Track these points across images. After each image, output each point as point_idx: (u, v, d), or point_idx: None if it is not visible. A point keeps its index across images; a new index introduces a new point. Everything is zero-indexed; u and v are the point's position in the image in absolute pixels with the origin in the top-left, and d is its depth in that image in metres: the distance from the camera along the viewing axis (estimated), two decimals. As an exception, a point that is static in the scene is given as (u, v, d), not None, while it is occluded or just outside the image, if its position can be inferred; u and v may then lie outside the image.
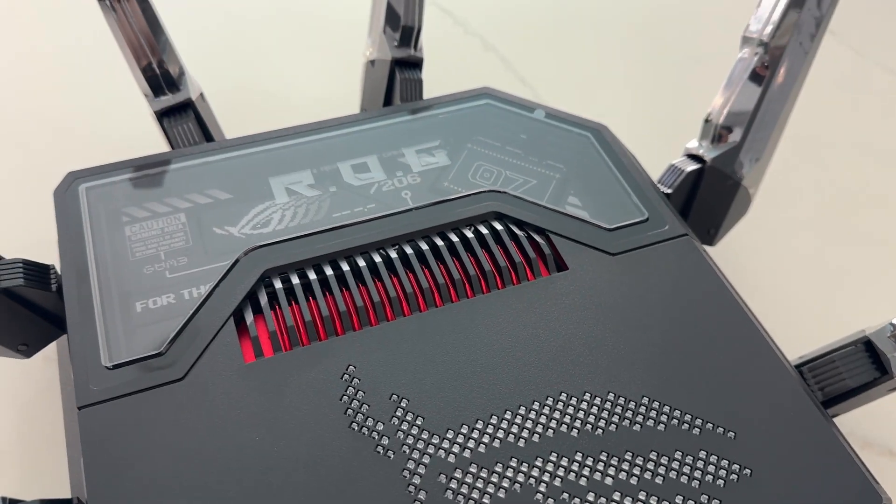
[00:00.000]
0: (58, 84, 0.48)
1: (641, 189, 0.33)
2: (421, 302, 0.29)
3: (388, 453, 0.24)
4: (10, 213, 0.41)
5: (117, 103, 0.47)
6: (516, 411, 0.26)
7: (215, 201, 0.32)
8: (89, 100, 0.47)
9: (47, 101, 0.47)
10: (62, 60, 0.49)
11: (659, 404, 0.26)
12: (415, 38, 0.38)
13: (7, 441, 0.33)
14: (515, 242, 0.30)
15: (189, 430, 0.25)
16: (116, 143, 0.44)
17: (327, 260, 0.30)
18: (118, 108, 0.46)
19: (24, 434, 0.33)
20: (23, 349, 0.31)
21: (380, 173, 0.33)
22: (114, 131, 0.45)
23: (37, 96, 0.47)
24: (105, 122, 0.46)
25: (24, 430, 0.34)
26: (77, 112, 0.46)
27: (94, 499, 0.23)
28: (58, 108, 0.47)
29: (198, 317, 0.27)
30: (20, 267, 0.29)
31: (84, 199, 0.31)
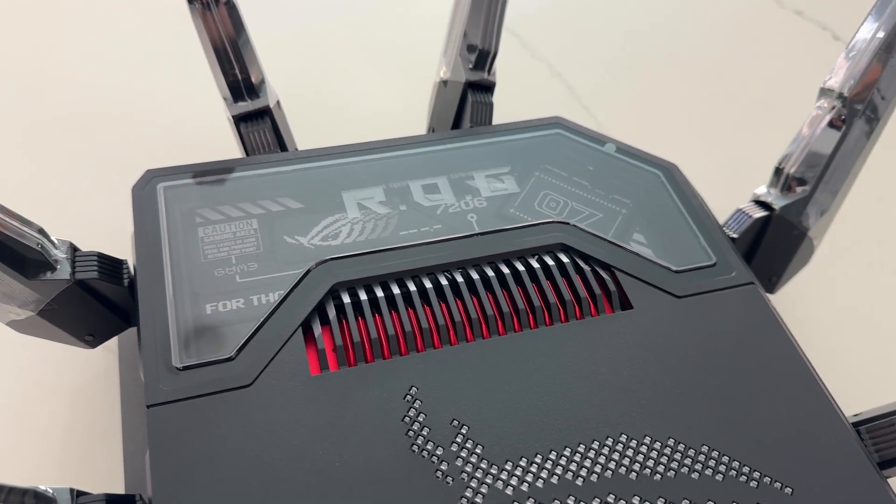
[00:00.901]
0: (133, 78, 0.49)
1: (710, 232, 0.33)
2: (484, 329, 0.29)
3: (447, 479, 0.25)
4: (81, 205, 0.42)
5: (190, 102, 0.48)
6: (576, 448, 0.26)
7: (287, 210, 0.32)
8: (163, 96, 0.48)
9: (122, 95, 0.48)
10: (141, 56, 0.50)
11: (718, 454, 0.26)
12: (490, 62, 0.38)
13: (57, 426, 0.34)
14: (581, 276, 0.30)
15: (254, 437, 0.25)
16: (187, 141, 0.45)
17: (394, 278, 0.30)
18: (190, 107, 0.47)
19: (74, 420, 0.34)
20: (89, 339, 0.31)
21: (449, 195, 0.33)
22: (186, 130, 0.46)
23: (112, 90, 0.48)
24: (177, 120, 0.47)
25: (76, 416, 0.34)
26: (150, 107, 0.47)
27: (159, 497, 0.24)
28: (131, 102, 0.48)
29: (267, 324, 0.28)
30: (95, 260, 0.30)
31: (161, 198, 0.32)
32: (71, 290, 0.29)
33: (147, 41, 0.51)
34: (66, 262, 0.29)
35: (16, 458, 0.33)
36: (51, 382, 0.35)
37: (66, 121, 0.46)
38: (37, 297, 0.29)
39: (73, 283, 0.29)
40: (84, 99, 0.48)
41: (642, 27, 0.56)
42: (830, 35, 0.57)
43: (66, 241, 0.30)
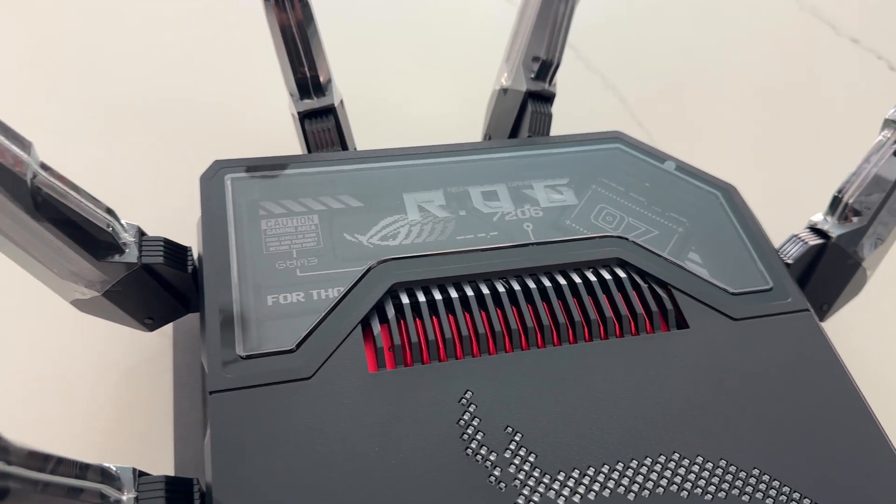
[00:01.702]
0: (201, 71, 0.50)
1: (767, 256, 0.33)
2: (539, 338, 0.29)
3: (500, 484, 0.25)
4: (145, 191, 0.43)
5: (253, 97, 0.48)
6: (628, 464, 0.26)
7: (347, 207, 0.33)
8: (229, 89, 0.49)
9: (189, 87, 0.49)
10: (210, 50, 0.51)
11: (769, 478, 0.26)
12: (552, 73, 0.38)
13: (108, 406, 0.35)
14: (637, 293, 0.31)
15: (312, 429, 0.26)
16: (248, 135, 0.46)
17: (452, 282, 0.30)
18: (252, 102, 0.48)
19: (125, 402, 0.35)
20: (148, 322, 0.32)
21: (508, 203, 0.33)
22: (248, 123, 0.47)
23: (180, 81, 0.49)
24: (240, 113, 0.48)
25: (126, 398, 0.35)
26: (216, 100, 0.48)
27: (219, 482, 0.24)
28: (198, 94, 0.49)
29: (328, 320, 0.28)
30: (162, 245, 0.31)
31: (229, 188, 0.32)
32: (137, 273, 0.30)
33: (216, 37, 0.52)
34: (134, 245, 0.30)
35: (68, 435, 0.33)
36: (104, 363, 0.36)
37: (136, 109, 0.47)
38: (103, 278, 0.29)
39: (140, 267, 0.30)
40: (154, 88, 0.49)
41: (697, 45, 0.56)
42: (886, 65, 0.57)
43: (135, 225, 0.30)
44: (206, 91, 0.49)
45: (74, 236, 0.27)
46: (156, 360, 0.36)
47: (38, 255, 0.28)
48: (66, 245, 0.27)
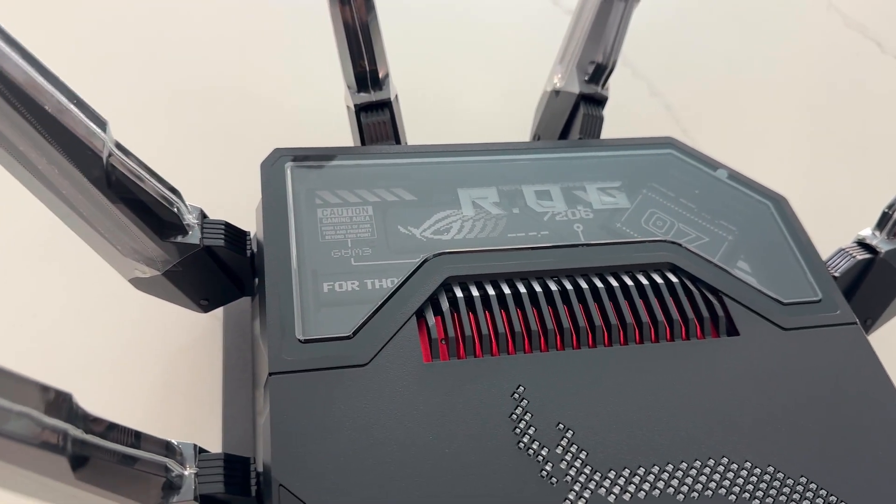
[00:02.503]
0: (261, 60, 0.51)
1: (816, 269, 0.33)
2: (591, 338, 0.30)
3: (551, 479, 0.25)
4: (200, 175, 0.44)
5: (307, 87, 0.49)
6: (677, 466, 0.26)
7: (401, 201, 0.33)
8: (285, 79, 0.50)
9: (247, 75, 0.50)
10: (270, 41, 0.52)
11: (816, 486, 0.26)
12: (606, 77, 0.39)
13: (158, 385, 0.35)
14: (689, 298, 0.31)
15: (368, 415, 0.26)
16: (301, 125, 0.46)
17: (505, 278, 0.31)
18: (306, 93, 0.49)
19: (174, 381, 0.35)
20: (203, 304, 0.33)
21: (561, 203, 0.34)
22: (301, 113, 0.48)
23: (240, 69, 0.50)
24: (294, 103, 0.48)
25: (176, 377, 0.36)
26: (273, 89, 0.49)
27: (278, 461, 0.25)
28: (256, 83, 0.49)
29: (383, 309, 0.29)
30: (223, 229, 0.31)
31: (288, 176, 0.33)
32: (198, 254, 0.30)
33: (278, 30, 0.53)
34: (196, 227, 0.30)
35: (119, 411, 0.34)
36: (155, 342, 0.36)
37: (194, 96, 0.48)
38: (165, 257, 0.30)
39: (201, 249, 0.30)
40: (215, 75, 0.49)
41: (745, 56, 0.56)
42: (933, 83, 0.56)
43: (197, 207, 0.31)
44: (261, 80, 0.50)
45: (142, 215, 0.28)
46: (208, 341, 0.36)
47: (104, 230, 0.28)
48: (132, 223, 0.28)
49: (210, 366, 0.36)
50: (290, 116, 0.47)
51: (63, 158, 0.25)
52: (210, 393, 0.35)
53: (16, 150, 0.25)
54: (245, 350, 0.35)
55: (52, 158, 0.25)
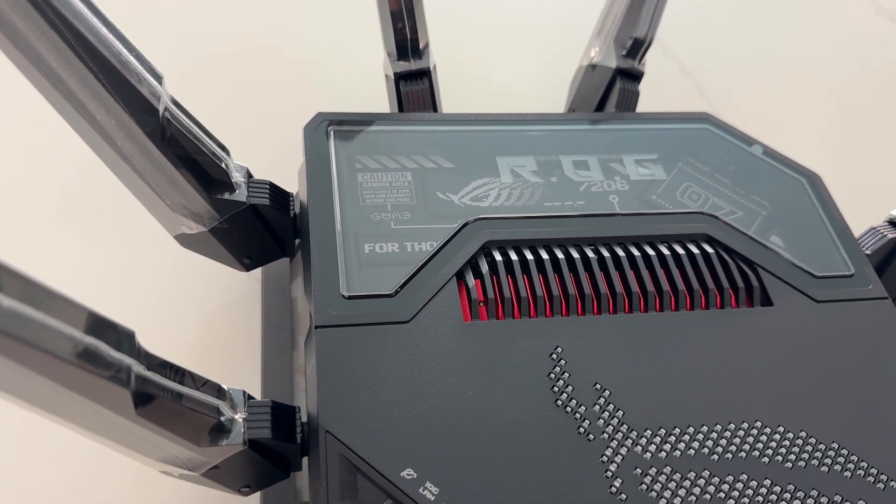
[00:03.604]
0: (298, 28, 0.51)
1: (849, 244, 0.33)
2: (627, 304, 0.30)
3: (588, 436, 0.26)
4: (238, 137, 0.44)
5: (346, 55, 0.49)
6: (712, 427, 0.27)
7: (439, 168, 0.34)
8: (322, 47, 0.50)
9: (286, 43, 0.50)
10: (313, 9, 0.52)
11: (847, 452, 0.27)
12: (643, 52, 0.39)
13: (197, 342, 0.36)
14: (724, 268, 0.31)
15: (410, 369, 0.27)
16: (337, 92, 0.47)
17: (544, 244, 0.31)
18: (345, 60, 0.49)
19: (214, 338, 0.36)
20: (246, 262, 0.33)
21: (598, 173, 0.34)
22: (335, 80, 0.48)
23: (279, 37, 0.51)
24: (329, 70, 0.49)
25: (215, 334, 0.36)
26: (310, 57, 0.49)
27: (324, 408, 0.25)
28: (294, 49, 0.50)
29: (424, 270, 0.30)
30: (268, 188, 0.32)
31: (332, 140, 0.33)
32: (244, 212, 0.31)
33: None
34: (243, 185, 0.31)
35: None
36: (193, 302, 0.37)
37: (230, 60, 0.48)
38: (213, 213, 0.31)
39: (247, 207, 0.31)
40: (253, 39, 0.50)
41: (777, 39, 0.56)
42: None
43: (244, 167, 0.32)
44: (297, 45, 0.50)
45: (193, 170, 0.29)
46: (246, 301, 0.37)
47: (155, 184, 0.29)
48: (183, 177, 0.29)
49: (247, 326, 0.36)
50: (325, 82, 0.48)
51: (121, 109, 0.26)
52: (248, 352, 0.35)
53: (76, 100, 0.25)
54: (284, 310, 0.35)
55: (110, 109, 0.26)
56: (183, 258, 0.38)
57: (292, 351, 0.34)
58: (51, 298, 0.18)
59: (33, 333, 0.17)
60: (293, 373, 0.34)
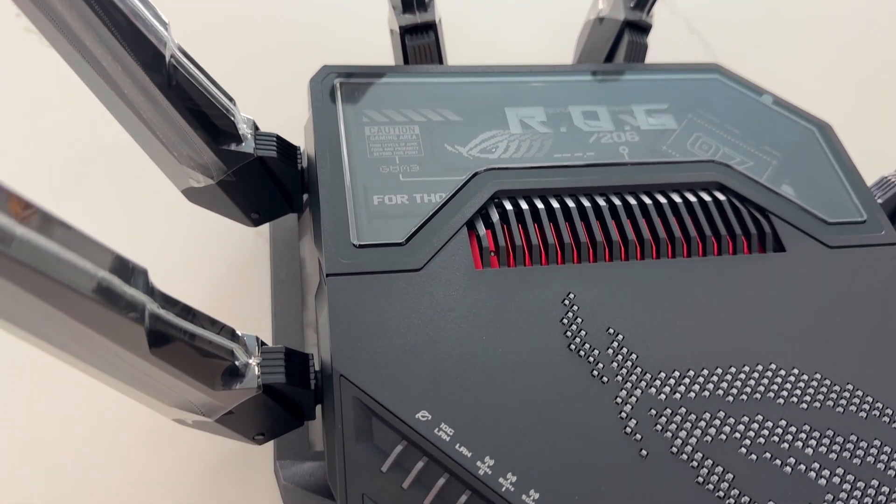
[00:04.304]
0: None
1: (861, 191, 0.33)
2: (639, 251, 0.30)
3: (602, 378, 0.26)
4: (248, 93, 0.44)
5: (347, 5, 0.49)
6: (726, 370, 0.27)
7: (447, 121, 0.34)
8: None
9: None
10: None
11: (862, 393, 0.27)
12: (651, 2, 0.38)
13: (207, 303, 0.36)
14: (736, 215, 0.31)
15: (422, 316, 0.27)
16: (338, 48, 0.46)
17: (554, 194, 0.31)
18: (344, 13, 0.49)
19: (223, 298, 0.36)
20: (254, 217, 0.33)
21: (608, 123, 0.34)
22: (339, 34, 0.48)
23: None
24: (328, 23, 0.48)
25: (225, 294, 0.36)
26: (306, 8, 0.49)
27: (338, 354, 0.25)
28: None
29: (434, 219, 0.29)
30: (275, 140, 0.32)
31: (338, 93, 0.33)
32: (252, 164, 0.31)
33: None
34: (250, 137, 0.31)
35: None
36: (202, 260, 0.37)
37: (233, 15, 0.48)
38: (220, 166, 0.30)
39: (255, 159, 0.31)
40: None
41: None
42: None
43: (251, 119, 0.31)
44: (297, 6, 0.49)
45: (200, 119, 0.28)
46: (252, 262, 0.37)
47: (162, 136, 0.29)
48: (190, 127, 0.28)
49: (256, 286, 0.36)
50: (327, 37, 0.47)
51: (127, 55, 0.25)
52: (257, 310, 0.35)
53: (82, 46, 0.25)
54: (293, 266, 0.35)
55: (116, 54, 0.25)
56: (189, 221, 0.38)
57: (303, 308, 0.34)
58: (64, 230, 0.18)
59: (47, 263, 0.17)
60: (304, 327, 0.34)
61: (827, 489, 0.25)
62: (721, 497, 0.24)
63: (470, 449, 0.24)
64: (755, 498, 0.24)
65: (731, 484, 0.24)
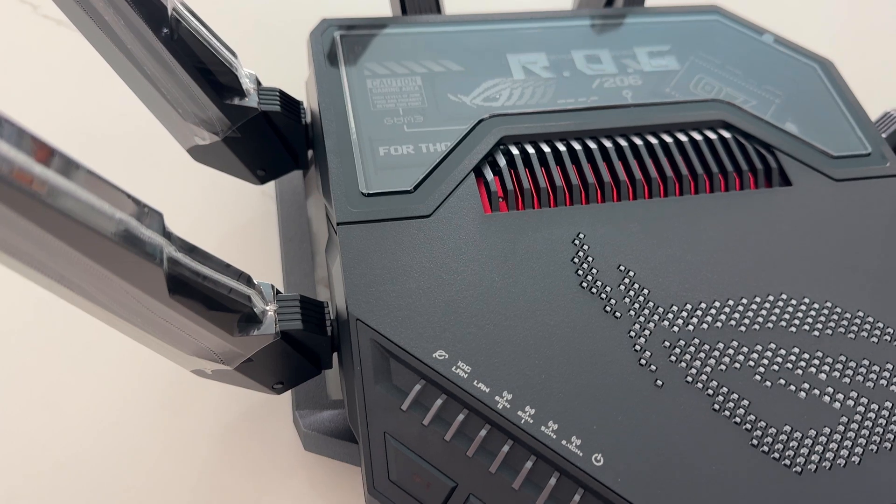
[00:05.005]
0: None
1: (864, 124, 0.33)
2: (646, 190, 0.30)
3: (615, 313, 0.26)
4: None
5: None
6: (738, 301, 0.27)
7: (448, 71, 0.33)
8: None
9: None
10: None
11: (873, 320, 0.27)
12: (649, -53, 0.38)
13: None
14: (742, 152, 0.31)
15: (434, 260, 0.27)
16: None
17: (559, 137, 0.31)
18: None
19: (233, 258, 0.36)
20: (260, 174, 0.33)
21: (611, 66, 0.34)
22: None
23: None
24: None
25: (234, 254, 0.36)
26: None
27: (352, 298, 0.25)
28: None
29: (441, 167, 0.29)
30: (278, 95, 0.32)
31: (340, 46, 0.33)
32: (256, 120, 0.31)
33: None
34: (253, 92, 0.31)
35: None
36: (210, 222, 0.37)
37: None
38: (225, 122, 0.30)
39: (259, 114, 0.31)
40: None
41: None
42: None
43: (253, 73, 0.31)
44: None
45: (203, 74, 0.28)
46: (262, 220, 0.37)
47: (166, 91, 0.29)
48: (194, 81, 0.28)
49: (266, 244, 0.36)
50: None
51: (129, 7, 0.25)
52: (268, 268, 0.35)
53: (84, 1, 0.25)
54: (301, 222, 0.35)
55: (118, 8, 0.25)
56: (198, 179, 0.38)
57: (313, 266, 0.34)
58: (81, 172, 0.18)
59: (69, 204, 0.17)
60: (315, 283, 0.34)
61: (841, 412, 0.25)
62: (738, 422, 0.24)
63: (488, 385, 0.24)
64: (771, 422, 0.24)
65: (746, 410, 0.25)
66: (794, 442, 0.24)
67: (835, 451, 0.24)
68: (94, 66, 0.29)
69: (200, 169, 0.34)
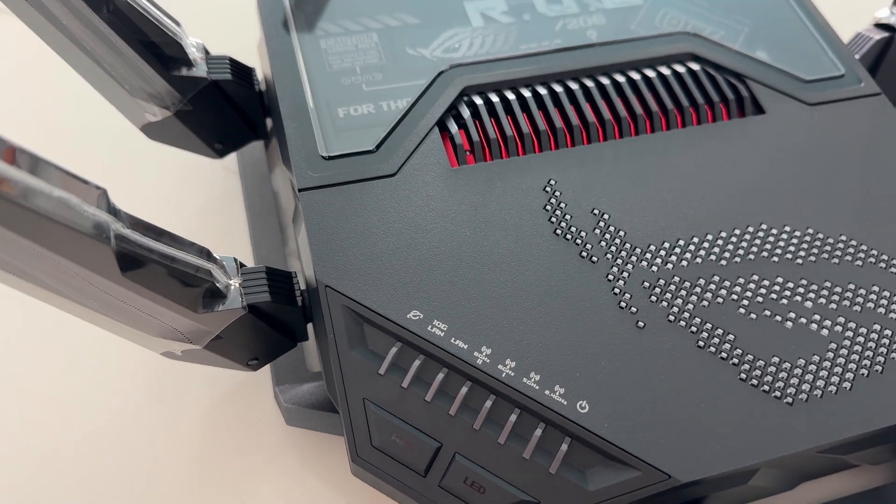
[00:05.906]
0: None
1: (836, 46, 0.32)
2: (616, 130, 0.29)
3: (592, 258, 0.25)
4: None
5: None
6: (717, 235, 0.26)
7: (405, 24, 0.32)
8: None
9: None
10: None
11: (857, 242, 0.26)
12: None
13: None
14: (713, 83, 0.30)
15: (403, 219, 0.26)
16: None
17: (524, 83, 0.30)
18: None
19: (200, 237, 0.35)
20: (218, 148, 0.32)
21: (572, 6, 0.33)
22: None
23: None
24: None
25: (201, 232, 0.35)
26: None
27: (320, 266, 0.25)
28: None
29: (403, 124, 0.28)
30: (228, 63, 0.30)
31: (290, 6, 0.32)
32: (207, 90, 0.29)
33: None
34: (202, 61, 0.29)
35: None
36: (172, 201, 0.36)
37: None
38: (175, 95, 0.29)
39: (209, 83, 0.29)
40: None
41: None
42: None
43: (200, 43, 0.30)
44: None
45: (146, 45, 0.27)
46: (224, 200, 0.36)
47: (109, 68, 0.27)
48: (138, 55, 0.27)
49: (232, 220, 0.35)
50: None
51: (58, -20, 0.24)
52: (236, 244, 0.34)
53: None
54: (266, 195, 0.34)
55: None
56: (158, 160, 0.36)
57: (282, 239, 0.33)
58: (12, 150, 0.17)
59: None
60: (286, 257, 0.33)
61: (829, 339, 0.24)
62: (724, 358, 0.24)
63: (465, 342, 0.23)
64: (758, 355, 0.24)
65: (732, 344, 0.24)
66: (783, 373, 0.24)
67: (825, 379, 0.24)
68: (37, 48, 0.27)
69: (160, 148, 0.32)
